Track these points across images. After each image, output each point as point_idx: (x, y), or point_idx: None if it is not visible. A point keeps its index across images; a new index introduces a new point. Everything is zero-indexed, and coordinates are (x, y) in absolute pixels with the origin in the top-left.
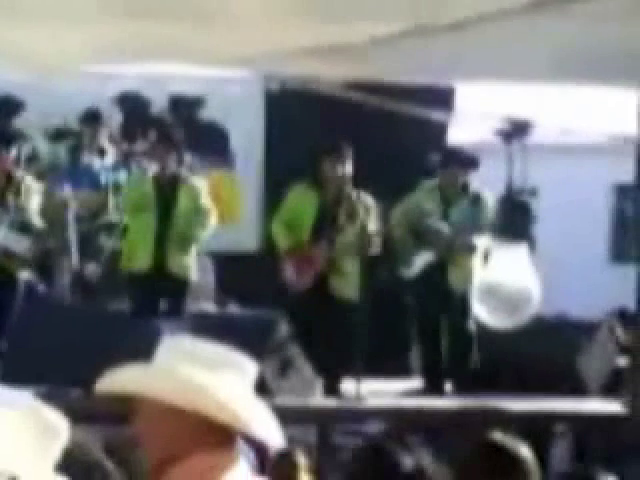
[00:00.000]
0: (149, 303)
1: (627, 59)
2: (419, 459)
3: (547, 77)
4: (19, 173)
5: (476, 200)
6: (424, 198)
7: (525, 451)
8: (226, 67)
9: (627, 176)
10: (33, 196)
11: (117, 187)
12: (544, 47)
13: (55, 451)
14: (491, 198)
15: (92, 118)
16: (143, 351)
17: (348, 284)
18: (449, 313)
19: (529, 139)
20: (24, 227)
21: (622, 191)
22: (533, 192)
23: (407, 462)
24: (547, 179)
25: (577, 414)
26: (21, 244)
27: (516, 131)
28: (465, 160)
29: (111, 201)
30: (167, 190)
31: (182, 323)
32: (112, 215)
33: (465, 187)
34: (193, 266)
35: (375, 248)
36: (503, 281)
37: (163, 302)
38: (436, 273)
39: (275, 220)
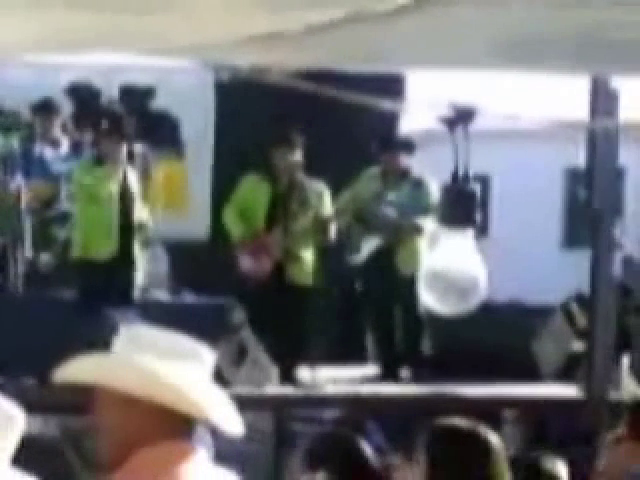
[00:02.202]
0: (104, 292)
1: (571, 44)
2: (377, 446)
3: (487, 64)
4: None
5: (418, 185)
6: (366, 184)
7: (490, 435)
8: (168, 57)
9: (577, 161)
10: None
11: (69, 177)
12: (484, 33)
13: (11, 441)
14: (433, 183)
15: (45, 108)
16: (98, 340)
17: (304, 271)
18: (399, 298)
19: (475, 126)
20: None
21: (573, 176)
22: (480, 179)
23: (366, 449)
24: (498, 165)
25: (532, 399)
26: None
27: (460, 118)
28: (402, 145)
29: (63, 191)
30: (122, 179)
31: (136, 312)
32: (64, 205)
33: (406, 173)
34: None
35: (331, 234)
36: (449, 268)
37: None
38: (384, 258)
39: (227, 210)
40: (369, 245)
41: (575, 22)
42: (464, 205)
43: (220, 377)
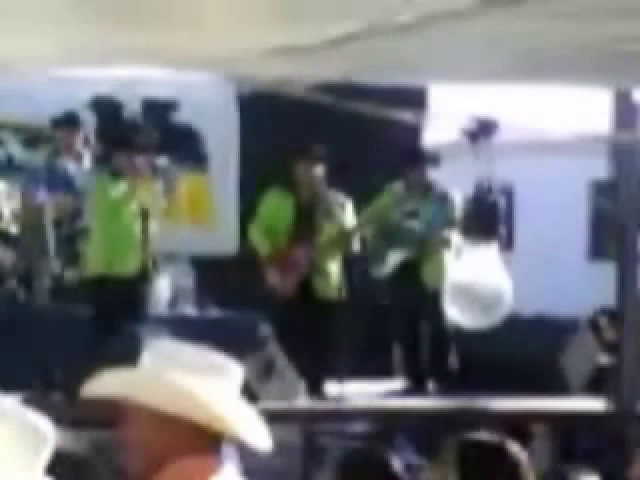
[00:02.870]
0: (126, 308)
1: (594, 57)
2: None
3: (509, 77)
4: None
5: (442, 198)
6: (391, 198)
7: (516, 449)
8: (190, 70)
9: (602, 173)
10: (3, 202)
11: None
12: (506, 46)
13: (44, 456)
14: (457, 197)
15: (68, 122)
16: (125, 355)
17: (330, 285)
18: (425, 312)
19: (498, 139)
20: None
21: (597, 188)
22: (504, 192)
23: (396, 463)
24: (522, 178)
25: (560, 412)
26: (2, 256)
27: (483, 131)
28: (427, 158)
29: (87, 206)
30: (142, 194)
31: (163, 327)
32: (88, 219)
33: (431, 186)
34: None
35: (355, 246)
36: (474, 281)
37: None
38: (409, 272)
39: (252, 226)
40: (394, 259)
41: (597, 35)
42: (488, 218)
43: (248, 392)
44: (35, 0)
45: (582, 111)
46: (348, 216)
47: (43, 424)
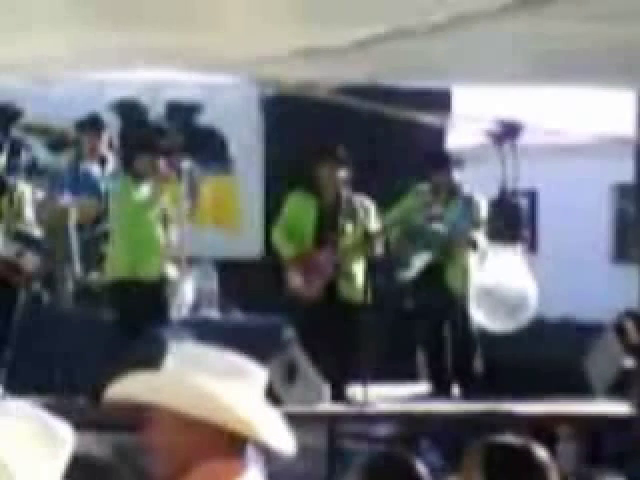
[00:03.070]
0: (150, 311)
1: (618, 59)
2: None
3: (533, 79)
4: (11, 181)
5: (468, 201)
6: (416, 200)
7: (541, 453)
8: (213, 72)
9: (626, 176)
10: (28, 204)
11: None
12: (530, 48)
13: (62, 459)
14: (483, 200)
15: (92, 125)
16: (149, 359)
17: (354, 288)
18: (450, 315)
19: (522, 141)
20: (20, 236)
21: (621, 191)
22: (528, 194)
23: (421, 467)
24: (546, 181)
25: (585, 416)
26: (25, 259)
27: (507, 133)
28: (452, 161)
29: (110, 209)
30: (166, 197)
31: (186, 330)
32: (111, 223)
33: (456, 189)
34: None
35: (379, 249)
36: (498, 284)
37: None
38: (434, 274)
39: (276, 229)
40: (419, 262)
41: (622, 36)
42: (512, 221)
43: (272, 395)
44: (61, 4)
45: (606, 113)
46: (372, 219)
47: (63, 428)
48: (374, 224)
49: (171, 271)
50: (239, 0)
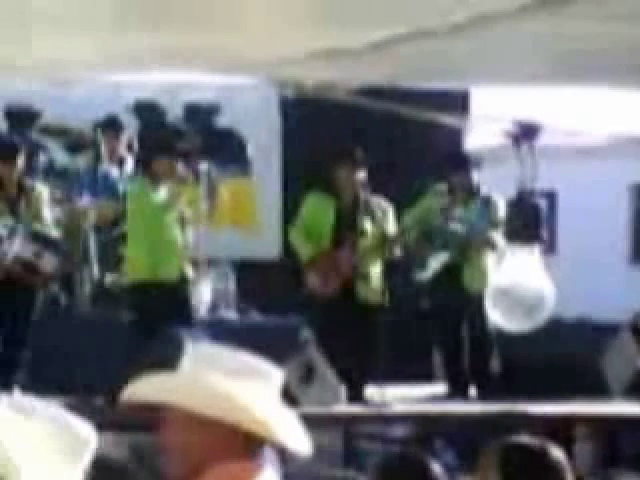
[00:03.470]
0: (169, 312)
1: (636, 59)
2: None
3: (552, 80)
4: (29, 182)
5: (486, 202)
6: (434, 201)
7: (558, 453)
8: (231, 73)
9: None
10: (45, 205)
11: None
12: (549, 49)
13: (85, 460)
14: (501, 201)
15: (111, 126)
16: (166, 360)
17: (371, 289)
18: (467, 316)
19: (540, 141)
20: (39, 238)
21: (639, 192)
22: (547, 195)
23: (436, 468)
24: (564, 182)
25: (602, 416)
26: (44, 260)
27: (525, 134)
28: (471, 162)
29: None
30: (184, 199)
31: (204, 331)
32: (129, 224)
33: (475, 190)
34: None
35: (396, 251)
36: (516, 284)
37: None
38: (451, 275)
39: (293, 229)
40: (436, 262)
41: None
42: (530, 221)
43: (288, 396)
44: (78, 6)
45: (624, 114)
46: (390, 221)
47: (85, 429)
48: (392, 226)
49: (189, 272)
50: (258, 1)
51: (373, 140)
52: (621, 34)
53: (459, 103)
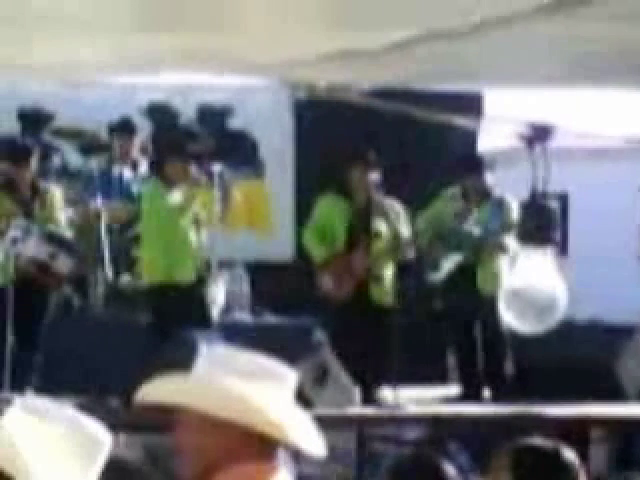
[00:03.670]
0: (184, 314)
1: None
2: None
3: (567, 81)
4: (43, 184)
5: (499, 204)
6: (448, 203)
7: (570, 455)
8: (244, 75)
9: None
10: (59, 207)
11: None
12: (562, 50)
13: (99, 462)
14: (514, 203)
15: (124, 128)
16: (180, 361)
17: (385, 291)
18: (480, 317)
19: (553, 143)
20: (53, 239)
21: None
22: (559, 196)
23: (449, 469)
24: (577, 183)
25: (616, 418)
26: (59, 261)
27: (538, 136)
28: (483, 165)
29: (142, 212)
30: (199, 201)
31: (218, 333)
32: (144, 227)
33: (488, 192)
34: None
35: (409, 253)
36: (528, 286)
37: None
38: (465, 277)
39: (307, 231)
40: (449, 264)
41: None
42: (543, 223)
43: (302, 398)
44: (92, 8)
45: (638, 116)
46: (403, 223)
47: (99, 431)
48: (405, 228)
49: (204, 274)
50: (271, 3)
51: (386, 142)
52: (636, 36)
53: (473, 105)
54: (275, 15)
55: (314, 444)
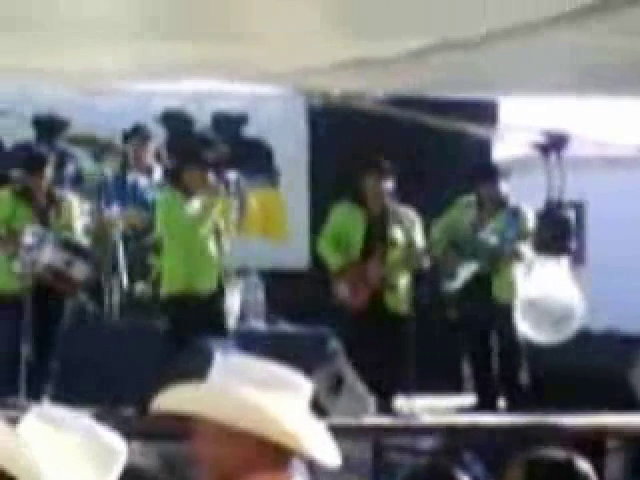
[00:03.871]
0: (200, 323)
1: None
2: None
3: (581, 90)
4: (59, 192)
5: (515, 213)
6: (463, 212)
7: (584, 466)
8: (259, 83)
9: None
10: (76, 215)
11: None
12: (576, 59)
13: (114, 471)
14: (530, 212)
15: (138, 135)
16: (195, 370)
17: (400, 299)
18: (496, 327)
19: (569, 152)
20: (69, 246)
21: None
22: (575, 205)
23: (463, 479)
24: (593, 192)
25: (631, 428)
26: (75, 268)
27: (553, 145)
28: (498, 173)
29: (159, 221)
30: (217, 210)
31: (233, 342)
32: (162, 236)
33: (504, 201)
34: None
35: (424, 261)
36: (545, 296)
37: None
38: (480, 286)
39: (322, 239)
40: (465, 273)
41: None
42: (559, 232)
43: (317, 407)
44: (113, 17)
45: None
46: (418, 232)
47: (115, 440)
48: (420, 236)
49: (224, 283)
50: (286, 12)
51: (401, 150)
52: None
53: (488, 113)
54: (290, 24)
55: (329, 454)
